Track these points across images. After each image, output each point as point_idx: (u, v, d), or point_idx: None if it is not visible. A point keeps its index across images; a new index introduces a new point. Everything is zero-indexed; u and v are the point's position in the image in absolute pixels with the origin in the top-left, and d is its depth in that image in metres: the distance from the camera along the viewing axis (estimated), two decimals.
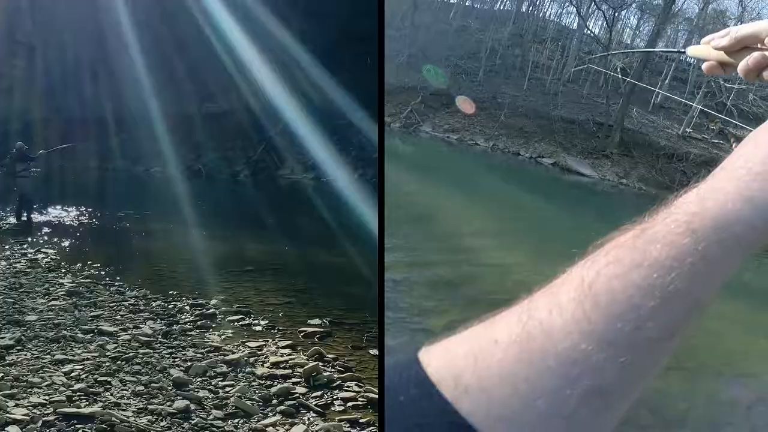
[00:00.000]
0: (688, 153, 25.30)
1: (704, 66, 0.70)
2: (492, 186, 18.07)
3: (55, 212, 11.28)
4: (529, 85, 29.96)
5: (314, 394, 4.07)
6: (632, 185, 23.82)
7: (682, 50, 0.78)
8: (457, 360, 0.46)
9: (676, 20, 32.09)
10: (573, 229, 13.15)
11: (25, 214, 10.21)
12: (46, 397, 3.74)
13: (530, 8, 35.11)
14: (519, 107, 27.58)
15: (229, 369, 4.40)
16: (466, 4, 37.02)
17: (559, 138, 25.75)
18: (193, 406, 3.81)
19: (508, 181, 19.42)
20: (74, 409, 3.62)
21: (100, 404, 3.71)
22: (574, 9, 31.81)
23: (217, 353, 4.67)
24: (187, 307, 5.80)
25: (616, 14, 29.43)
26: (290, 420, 3.75)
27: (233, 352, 4.70)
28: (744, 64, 0.63)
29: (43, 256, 7.67)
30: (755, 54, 0.62)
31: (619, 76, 28.66)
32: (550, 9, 36.43)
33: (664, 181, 23.91)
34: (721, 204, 0.46)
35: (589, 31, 32.04)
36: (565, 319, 0.44)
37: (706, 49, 0.69)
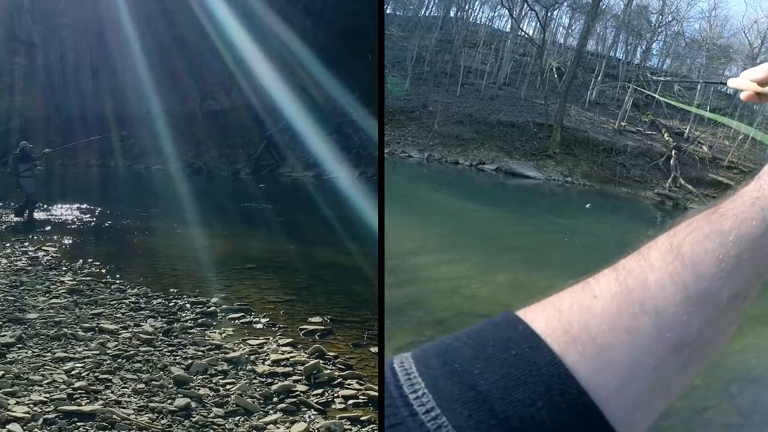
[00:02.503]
0: (625, 146, 25.68)
1: (742, 95, 0.80)
2: (431, 199, 16.78)
3: (56, 210, 11.30)
4: (463, 91, 29.26)
5: (315, 392, 4.07)
6: (577, 182, 23.81)
7: (724, 82, 0.89)
8: (564, 313, 0.51)
9: (604, 17, 32.54)
10: (522, 233, 12.82)
11: (27, 214, 10.22)
12: (47, 395, 3.74)
13: (459, 13, 34.06)
14: (453, 114, 26.80)
15: (230, 367, 4.40)
16: (387, 11, 35.91)
17: (499, 142, 25.26)
18: (193, 404, 3.81)
19: (449, 192, 18.25)
20: (75, 407, 3.62)
21: (101, 402, 3.71)
22: (507, 11, 31.34)
23: (217, 351, 4.67)
24: (188, 305, 5.80)
25: (549, 14, 29.32)
26: (291, 418, 3.75)
27: (234, 350, 4.71)
28: None
29: (44, 253, 7.68)
30: None
31: (555, 76, 28.81)
32: (481, 13, 35.65)
33: (606, 174, 24.32)
34: None
35: (523, 33, 31.81)
36: (659, 276, 0.51)
37: (744, 82, 0.79)
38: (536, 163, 24.40)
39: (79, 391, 3.82)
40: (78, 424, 3.46)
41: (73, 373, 4.09)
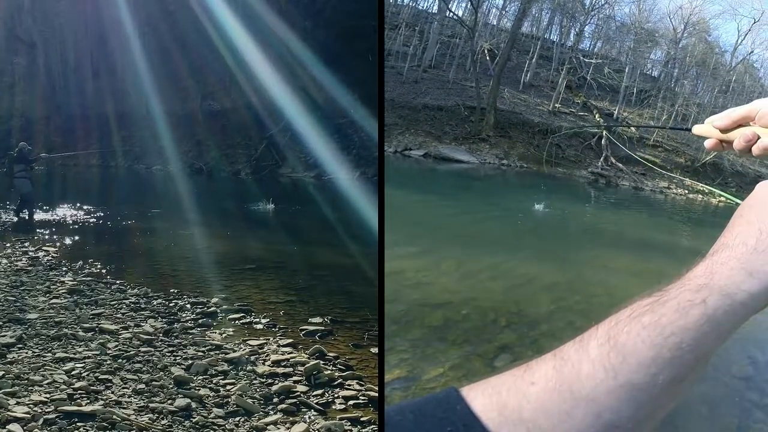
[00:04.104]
0: (559, 127, 25.70)
1: (706, 143, 0.79)
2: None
3: (56, 210, 11.31)
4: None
5: (315, 393, 4.07)
6: (514, 164, 23.66)
7: (689, 128, 0.88)
8: (501, 396, 0.54)
9: None
10: (458, 217, 12.35)
11: (24, 213, 10.24)
12: (47, 395, 3.74)
13: None
14: None
15: (230, 367, 4.40)
16: None
17: (426, 127, 24.39)
18: (194, 405, 3.81)
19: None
20: (75, 407, 3.62)
21: (101, 402, 3.71)
22: None
23: (218, 351, 4.67)
24: (188, 306, 5.81)
25: None
26: (291, 418, 3.75)
27: (234, 351, 4.70)
28: (738, 140, 0.72)
29: (44, 254, 7.68)
30: (746, 131, 0.72)
31: (487, 58, 28.36)
32: None
33: (543, 156, 24.20)
34: (726, 277, 0.56)
35: (451, 14, 30.85)
36: (593, 366, 0.53)
37: (708, 129, 0.78)
38: (469, 147, 23.87)
39: (79, 392, 3.82)
40: (78, 424, 3.46)
41: (73, 373, 4.09)
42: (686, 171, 25.95)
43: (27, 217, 10.21)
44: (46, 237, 9.06)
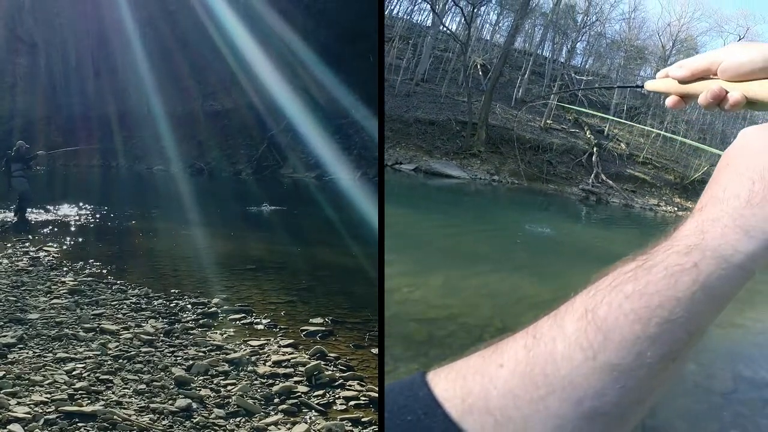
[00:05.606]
0: (551, 143, 25.88)
1: (667, 102, 0.72)
2: None
3: (57, 210, 11.31)
4: None
5: (316, 393, 4.07)
6: (505, 181, 23.63)
7: (641, 85, 0.82)
8: (466, 381, 0.49)
9: (534, 15, 32.60)
10: (449, 235, 12.24)
11: (19, 213, 10.24)
12: (48, 396, 3.74)
13: None
14: None
15: (231, 368, 4.40)
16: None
17: (417, 141, 24.17)
18: (194, 405, 3.81)
19: None
20: (76, 408, 3.62)
21: (102, 402, 3.71)
22: (428, 6, 29.88)
23: (218, 352, 4.67)
24: (189, 306, 5.80)
25: (475, 10, 28.52)
26: (292, 419, 3.75)
27: (235, 351, 4.70)
28: (704, 96, 0.65)
29: (45, 254, 7.68)
30: (711, 85, 0.64)
31: (480, 73, 28.39)
32: (398, 6, 33.32)
33: (534, 172, 24.40)
34: (720, 236, 0.49)
35: (445, 28, 30.69)
36: (569, 346, 0.46)
37: (663, 83, 0.72)
38: (460, 162, 23.70)
39: (80, 392, 3.82)
40: (79, 424, 3.46)
41: (74, 373, 4.09)
42: (675, 188, 26.11)
43: (19, 216, 10.21)
44: (47, 237, 9.06)
